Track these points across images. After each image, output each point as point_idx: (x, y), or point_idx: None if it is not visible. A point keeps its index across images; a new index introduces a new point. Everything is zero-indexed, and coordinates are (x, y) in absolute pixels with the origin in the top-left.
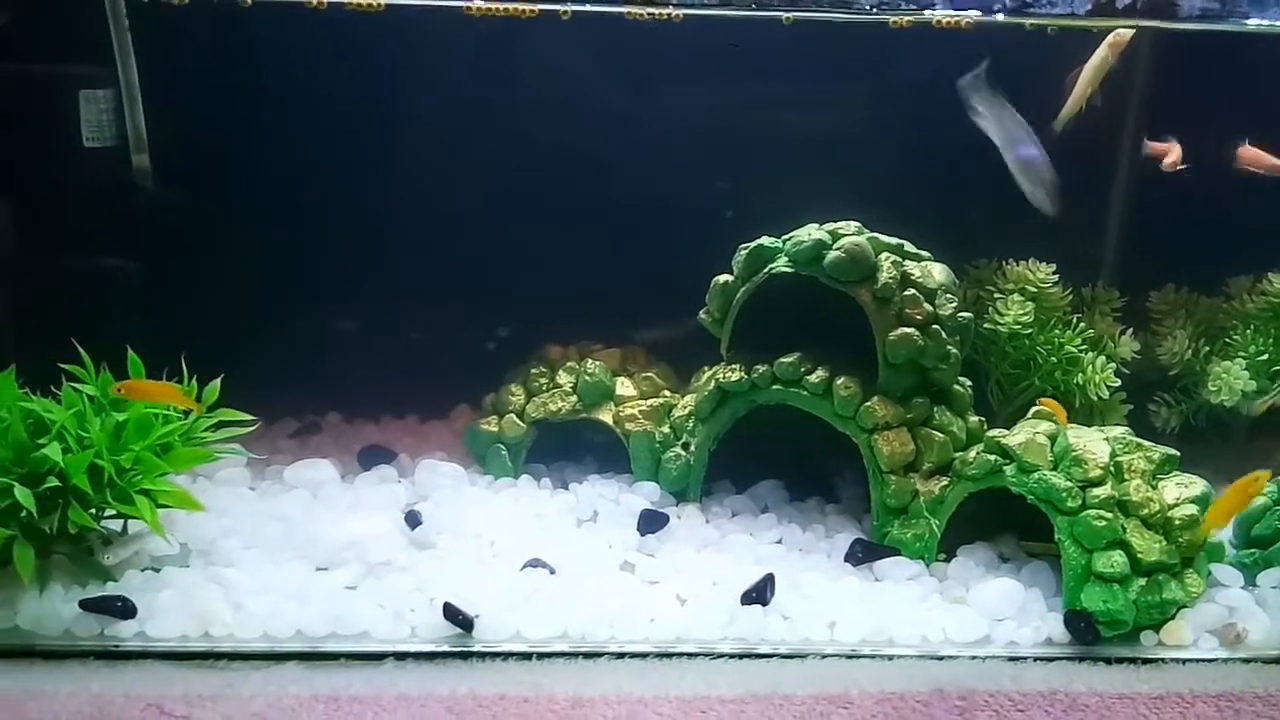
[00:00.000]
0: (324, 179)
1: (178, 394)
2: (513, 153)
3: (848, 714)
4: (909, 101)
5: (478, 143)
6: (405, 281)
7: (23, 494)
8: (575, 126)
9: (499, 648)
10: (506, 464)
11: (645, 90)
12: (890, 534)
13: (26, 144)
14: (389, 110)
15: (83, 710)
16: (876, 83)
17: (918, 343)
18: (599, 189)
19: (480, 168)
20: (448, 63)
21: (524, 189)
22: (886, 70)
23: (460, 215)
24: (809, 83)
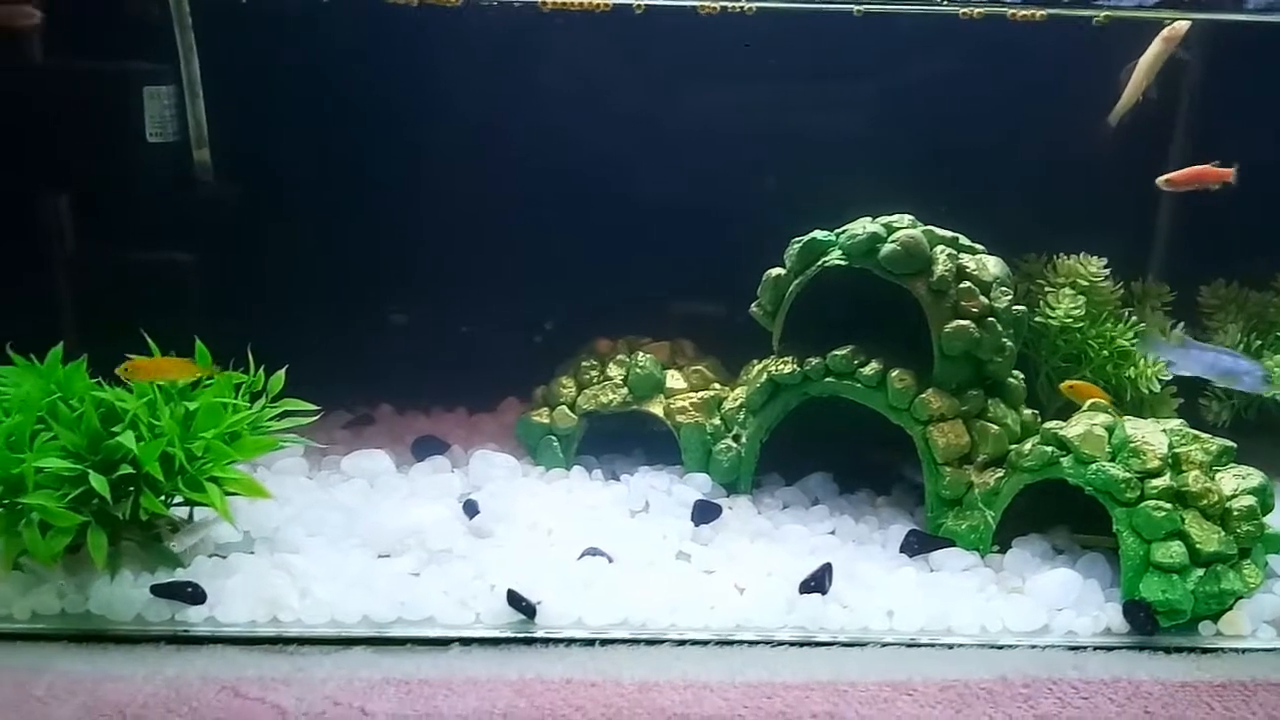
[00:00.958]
0: (377, 175)
1: (189, 366)
2: (562, 148)
3: (912, 700)
4: (963, 96)
5: (527, 138)
6: (454, 276)
7: (97, 481)
8: (626, 121)
9: (561, 634)
10: (558, 455)
11: (700, 84)
12: (945, 525)
13: (94, 139)
14: (442, 106)
15: (159, 693)
16: (931, 76)
17: (973, 335)
18: (647, 183)
19: (530, 163)
20: (502, 59)
21: (574, 184)
22: (943, 64)
23: (507, 211)
24: (865, 76)
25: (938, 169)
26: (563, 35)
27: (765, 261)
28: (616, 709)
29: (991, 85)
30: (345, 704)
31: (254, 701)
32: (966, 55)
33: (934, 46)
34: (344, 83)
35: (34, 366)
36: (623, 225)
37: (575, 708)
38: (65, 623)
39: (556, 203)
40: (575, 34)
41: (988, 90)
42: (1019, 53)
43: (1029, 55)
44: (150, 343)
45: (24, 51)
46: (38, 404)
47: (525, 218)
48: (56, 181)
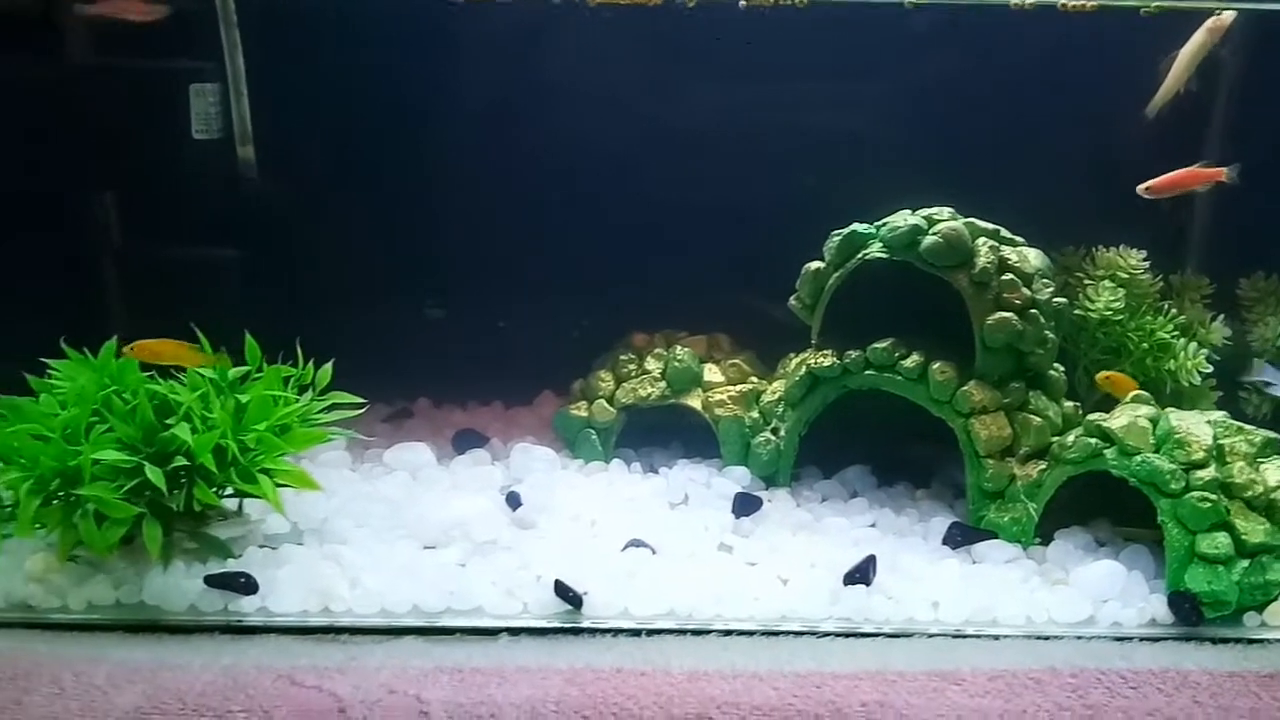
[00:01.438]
0: (414, 171)
1: (194, 354)
2: (598, 143)
3: (961, 690)
4: (1000, 87)
5: (564, 134)
6: (490, 271)
7: (153, 472)
8: (662, 116)
9: (607, 624)
10: (597, 448)
11: (735, 78)
12: (986, 518)
13: (142, 136)
14: (479, 103)
15: (217, 681)
16: (968, 68)
17: (1016, 327)
18: (681, 178)
19: (566, 159)
20: (540, 54)
21: (609, 179)
22: (981, 56)
23: (542, 206)
24: (902, 69)
25: (974, 162)
26: (602, 31)
27: (798, 256)
28: (667, 698)
29: (1029, 76)
30: (400, 692)
31: (310, 690)
32: (1005, 46)
33: (972, 38)
34: (383, 80)
35: (87, 360)
36: (657, 220)
37: (627, 696)
38: (120, 613)
39: (592, 198)
40: (613, 30)
41: (1026, 81)
42: (1057, 43)
43: (1067, 46)
44: (201, 336)
45: (75, 50)
46: (93, 397)
47: (560, 213)
48: (105, 178)
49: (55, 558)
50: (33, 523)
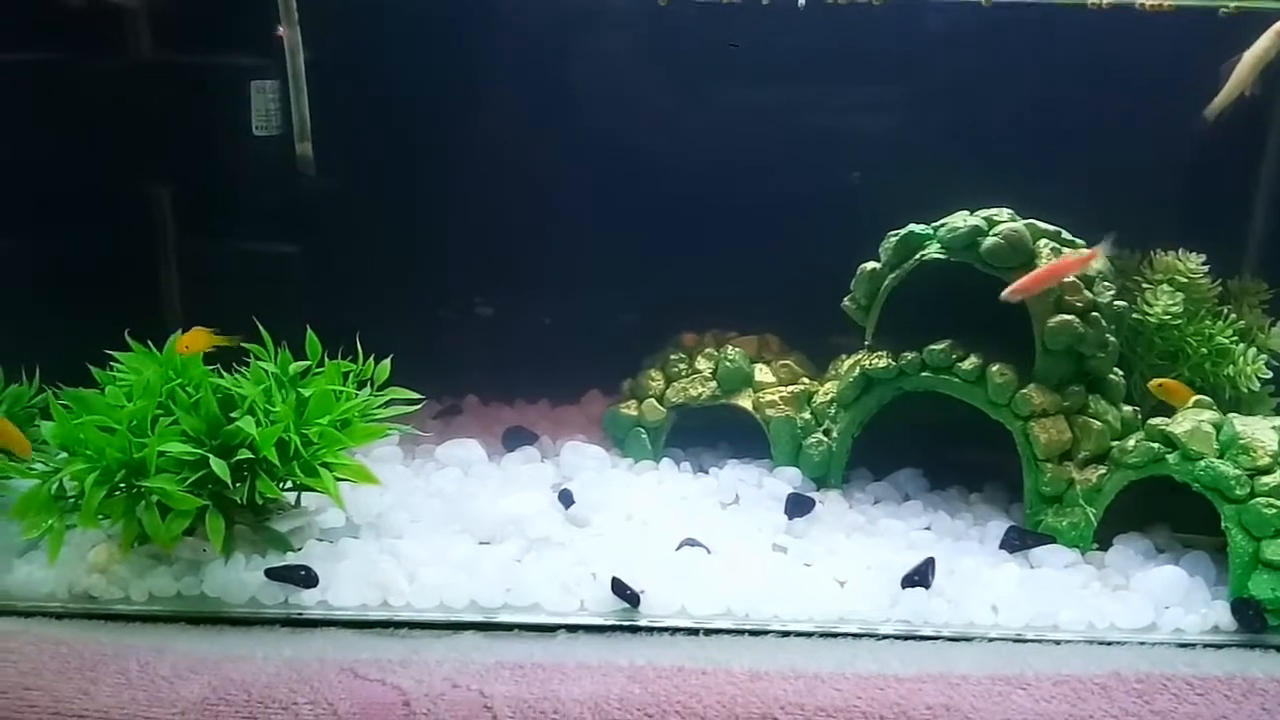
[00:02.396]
0: (464, 169)
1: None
2: (646, 141)
3: (1027, 694)
4: (1058, 87)
5: (612, 132)
6: (538, 269)
7: (218, 465)
8: (712, 114)
9: (664, 623)
10: (646, 447)
11: (791, 77)
12: (1044, 522)
13: (204, 132)
14: (528, 101)
15: (280, 673)
16: (1025, 68)
17: (1077, 330)
18: (729, 177)
19: (613, 157)
20: (589, 53)
21: (656, 178)
22: (1038, 54)
23: (588, 205)
24: (963, 69)
25: (1027, 163)
26: (650, 29)
27: (848, 256)
28: (730, 697)
29: (1085, 77)
30: (463, 686)
31: (374, 683)
32: (1061, 46)
33: (1029, 37)
34: (434, 79)
35: (152, 353)
36: (706, 218)
37: (690, 695)
38: (181, 604)
39: (639, 197)
40: (662, 28)
41: (1082, 82)
42: (1116, 43)
43: (1126, 46)
44: (263, 331)
45: (138, 47)
46: (158, 390)
47: (606, 211)
48: (167, 173)
49: (117, 549)
50: (96, 514)
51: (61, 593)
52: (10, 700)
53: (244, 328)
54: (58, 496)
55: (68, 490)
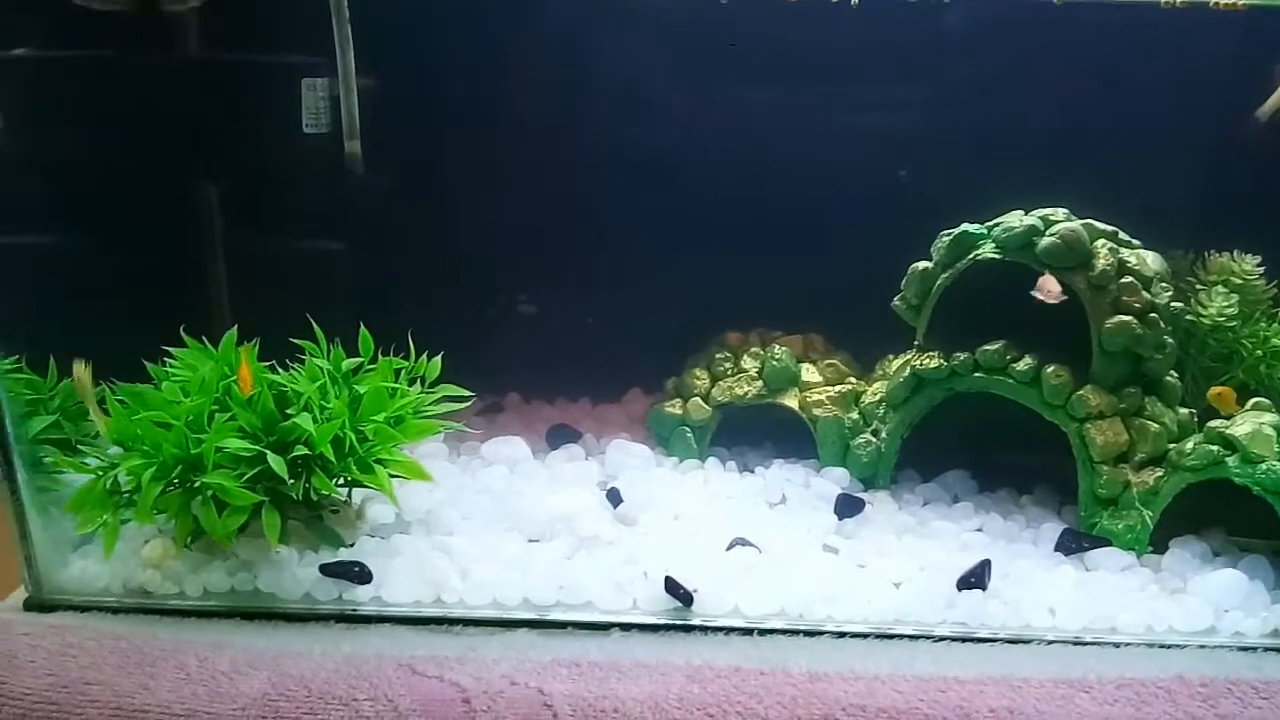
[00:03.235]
0: (507, 167)
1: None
2: (688, 140)
3: (1090, 698)
4: (1108, 86)
5: (655, 131)
6: (579, 268)
7: (275, 461)
8: (756, 113)
9: (717, 622)
10: (691, 446)
11: (837, 75)
12: (1099, 525)
13: (254, 130)
14: (573, 99)
15: (339, 669)
16: (1074, 66)
17: (1135, 331)
18: (772, 178)
19: (655, 155)
20: (644, 51)
21: (699, 177)
22: (1087, 53)
23: (629, 204)
24: (1016, 68)
25: (1078, 163)
26: (696, 27)
27: (891, 256)
28: (790, 698)
29: (1137, 76)
30: (522, 684)
31: (433, 680)
32: (1110, 45)
33: (1077, 35)
34: (482, 78)
35: (207, 349)
36: (748, 219)
37: (750, 695)
38: (236, 600)
39: (680, 196)
40: (705, 27)
41: (1133, 82)
42: (1167, 42)
43: (1179, 45)
44: (316, 328)
45: (191, 44)
46: (214, 386)
47: (646, 211)
48: (217, 171)
49: (171, 544)
50: (152, 509)
51: (116, 588)
52: (71, 694)
53: (289, 324)
54: (112, 491)
55: (122, 485)
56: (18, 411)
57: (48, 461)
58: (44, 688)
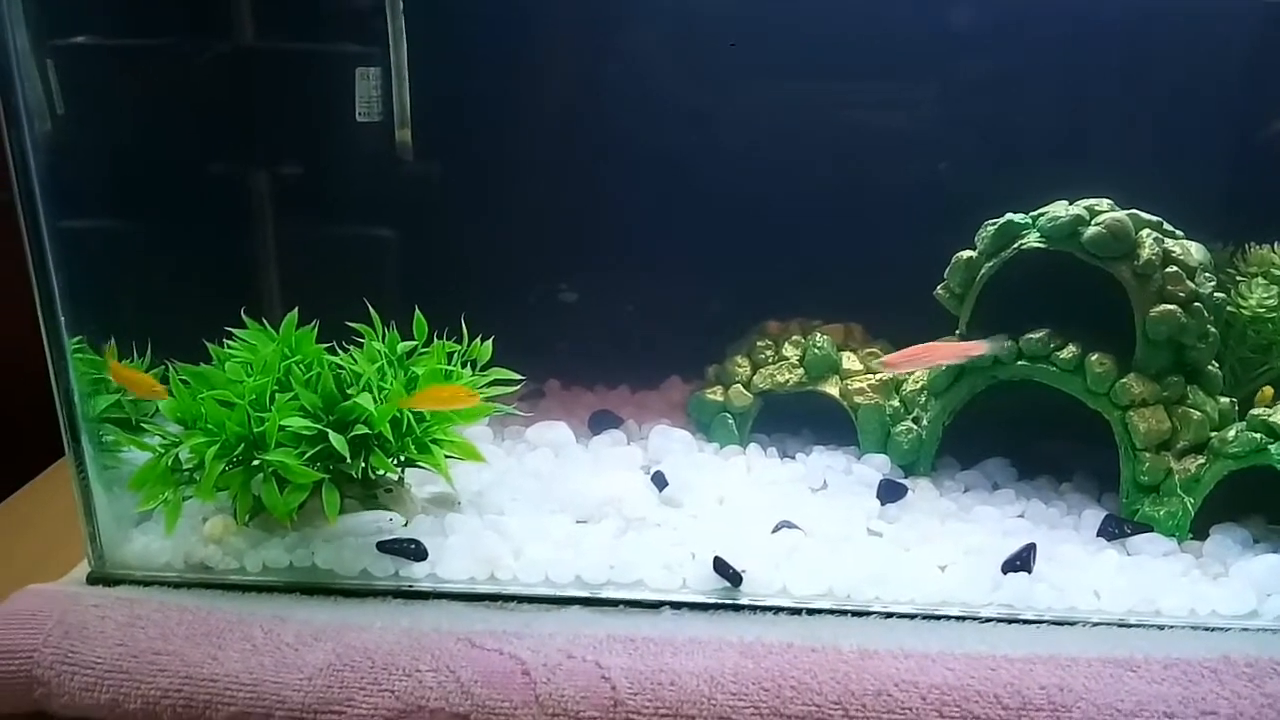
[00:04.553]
0: (550, 157)
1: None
2: (730, 128)
3: (1138, 677)
4: (1147, 79)
5: (698, 120)
6: (620, 256)
7: (337, 440)
8: (802, 103)
9: (766, 602)
10: (733, 432)
11: (883, 64)
12: (1141, 511)
13: (308, 118)
14: (617, 91)
15: (401, 641)
16: (1115, 58)
17: (1180, 320)
18: (810, 167)
19: (697, 145)
20: (686, 39)
21: (738, 167)
22: (1130, 45)
23: (673, 195)
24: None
25: (1118, 155)
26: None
27: (930, 247)
28: (843, 674)
29: (1179, 68)
30: (579, 657)
31: (492, 653)
32: (1156, 37)
33: (1122, 27)
34: (527, 68)
35: (267, 330)
36: (786, 209)
37: (804, 671)
38: (294, 576)
39: (720, 185)
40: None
41: (1174, 74)
42: (1210, 35)
43: (1220, 38)
44: (372, 311)
45: (246, 33)
46: (275, 366)
47: (686, 200)
48: (273, 157)
49: (232, 521)
50: (214, 486)
51: (178, 563)
52: (141, 664)
53: (332, 308)
54: (174, 469)
55: (183, 463)
56: (83, 391)
57: (109, 440)
58: (115, 657)
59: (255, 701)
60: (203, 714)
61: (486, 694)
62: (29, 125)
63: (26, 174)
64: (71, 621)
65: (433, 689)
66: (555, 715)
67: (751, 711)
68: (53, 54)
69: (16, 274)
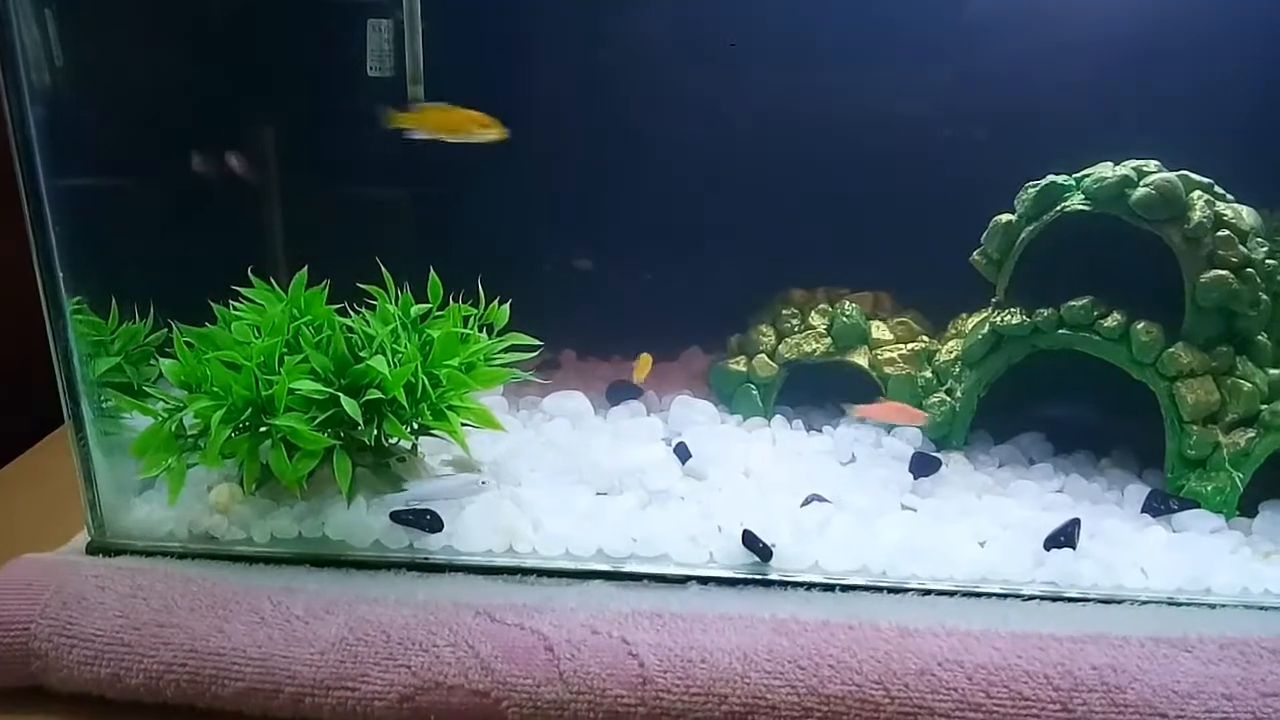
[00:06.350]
0: (570, 122)
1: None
2: (755, 99)
3: (1192, 657)
4: (1194, 41)
5: (719, 88)
6: (638, 226)
7: (349, 404)
8: (825, 70)
9: (798, 577)
10: (757, 404)
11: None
12: (1187, 486)
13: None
14: (640, 56)
15: (417, 615)
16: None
17: (1231, 286)
18: (834, 139)
19: (720, 115)
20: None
21: (760, 137)
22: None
23: (694, 160)
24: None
25: (1166, 121)
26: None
27: (957, 215)
28: (883, 653)
29: (1233, 30)
30: (604, 633)
31: (513, 627)
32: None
33: None
34: (548, 31)
35: (275, 291)
36: (807, 177)
37: (842, 649)
38: (303, 546)
39: (739, 151)
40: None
41: (1219, 37)
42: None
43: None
44: (385, 273)
45: None
46: (284, 328)
47: (714, 173)
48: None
49: (238, 489)
50: (220, 453)
51: (181, 532)
52: (143, 636)
53: (344, 267)
54: (178, 435)
55: (188, 428)
56: (83, 353)
57: (109, 405)
58: (115, 629)
59: (264, 676)
60: (208, 689)
61: (508, 670)
62: (26, 77)
63: (24, 127)
64: (70, 592)
65: (451, 665)
66: (580, 693)
67: (788, 691)
68: (51, 2)
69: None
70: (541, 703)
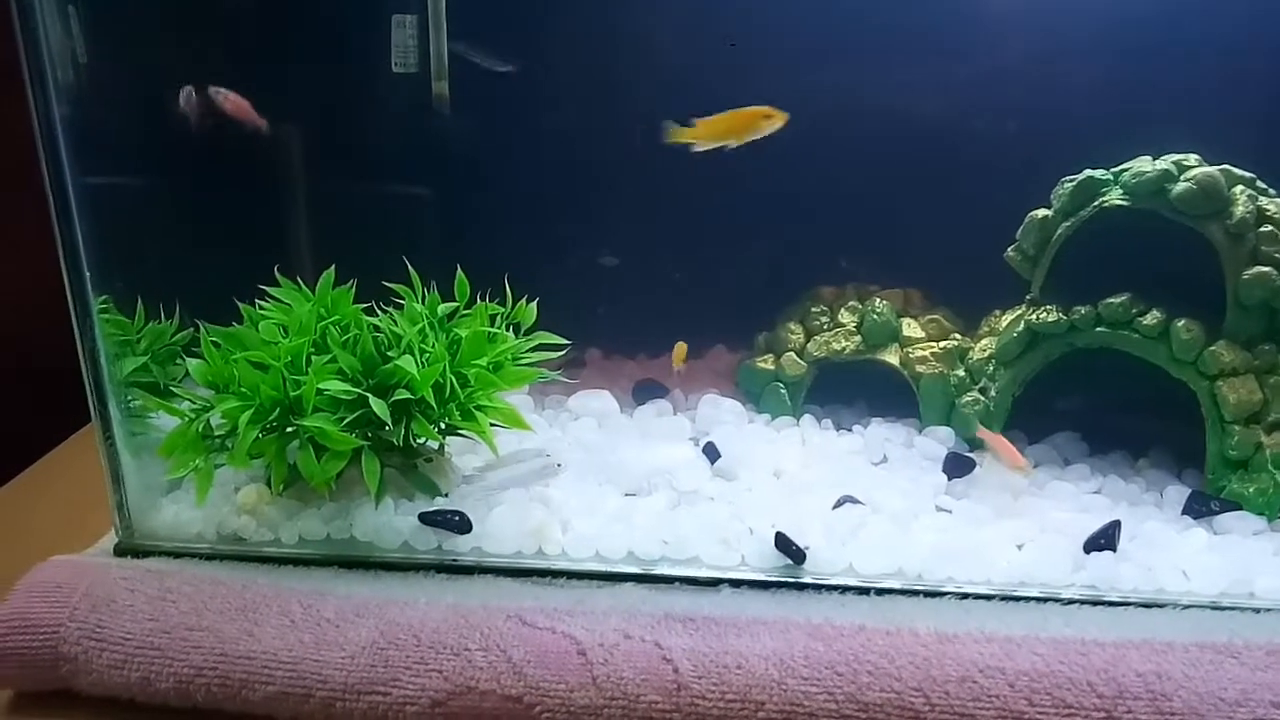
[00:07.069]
0: (593, 118)
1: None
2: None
3: (1239, 664)
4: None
5: (749, 84)
6: (664, 224)
7: (377, 405)
8: (857, 66)
9: (832, 580)
10: (785, 402)
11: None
12: (1229, 488)
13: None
14: (666, 52)
15: (448, 618)
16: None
17: (1275, 283)
18: (858, 134)
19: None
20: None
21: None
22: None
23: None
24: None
25: (1202, 114)
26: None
27: (989, 212)
28: (922, 659)
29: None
30: (637, 638)
31: (544, 631)
32: None
33: None
34: (573, 28)
35: (302, 290)
36: (834, 174)
37: (880, 655)
38: (332, 548)
39: (769, 143)
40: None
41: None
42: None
43: None
44: (411, 271)
45: None
46: (311, 327)
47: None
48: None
49: (266, 490)
50: (248, 454)
51: (210, 534)
52: (173, 640)
53: (371, 266)
54: (205, 435)
55: (215, 429)
56: (110, 352)
57: (135, 405)
58: (145, 632)
59: (295, 680)
60: (239, 693)
61: (540, 675)
62: (52, 74)
63: (50, 124)
64: (99, 594)
65: (483, 669)
66: (614, 698)
67: (825, 697)
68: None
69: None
70: (575, 708)
